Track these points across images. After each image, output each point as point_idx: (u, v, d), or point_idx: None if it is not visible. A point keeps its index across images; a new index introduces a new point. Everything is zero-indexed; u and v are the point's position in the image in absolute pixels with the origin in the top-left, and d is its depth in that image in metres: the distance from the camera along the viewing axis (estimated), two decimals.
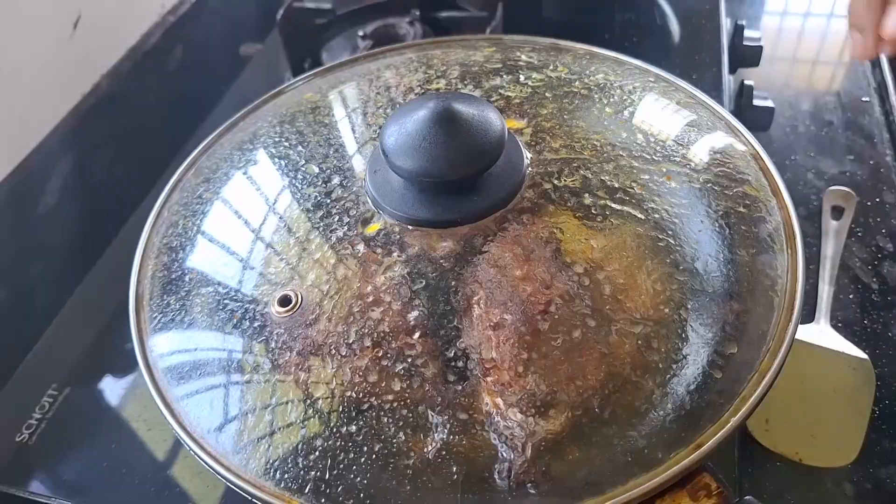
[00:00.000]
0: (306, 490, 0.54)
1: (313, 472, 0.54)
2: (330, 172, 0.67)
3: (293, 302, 0.60)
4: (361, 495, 0.53)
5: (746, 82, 1.08)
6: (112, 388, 0.85)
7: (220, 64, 1.31)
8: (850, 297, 0.92)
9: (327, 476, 0.54)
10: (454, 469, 0.57)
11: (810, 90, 1.22)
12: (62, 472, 0.77)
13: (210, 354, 0.62)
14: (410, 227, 0.61)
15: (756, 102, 1.06)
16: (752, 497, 0.47)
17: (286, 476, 0.55)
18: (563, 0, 1.34)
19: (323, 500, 0.53)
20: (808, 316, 0.89)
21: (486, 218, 0.60)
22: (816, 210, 1.02)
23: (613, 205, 0.63)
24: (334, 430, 0.56)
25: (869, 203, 1.03)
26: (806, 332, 0.87)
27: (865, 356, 0.84)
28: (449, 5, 1.25)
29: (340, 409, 0.56)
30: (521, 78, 0.75)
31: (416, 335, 0.59)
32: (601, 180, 0.65)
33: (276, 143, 0.73)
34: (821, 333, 0.87)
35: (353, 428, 0.56)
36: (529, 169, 0.64)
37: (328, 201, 0.64)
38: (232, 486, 0.56)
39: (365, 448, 0.55)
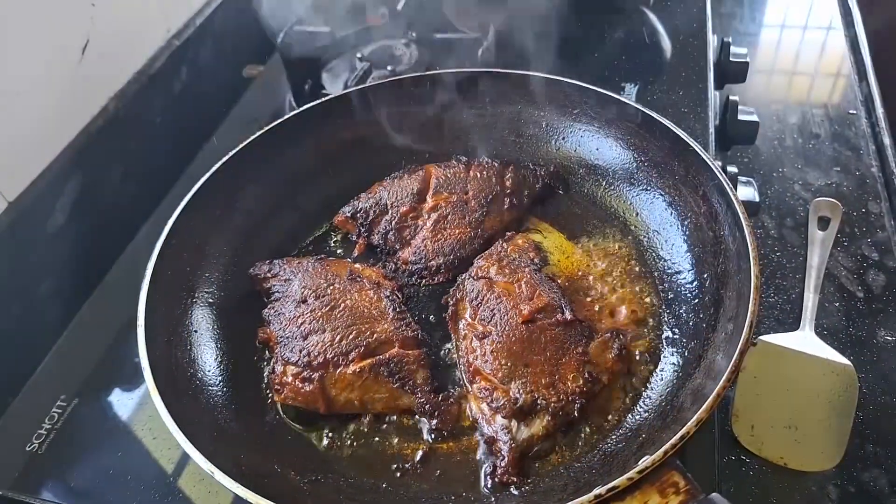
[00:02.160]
0: None
1: None
2: None
3: None
4: None
5: (731, 98, 1.10)
6: (119, 399, 0.88)
7: (223, 85, 1.35)
8: (836, 304, 0.94)
9: None
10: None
11: (798, 104, 1.25)
12: (70, 479, 0.80)
13: None
14: None
15: (741, 117, 1.08)
16: (718, 494, 0.49)
17: None
18: (554, 21, 1.37)
19: None
20: (794, 323, 0.91)
21: None
22: (803, 220, 1.04)
23: None
24: None
25: (855, 213, 1.05)
26: (791, 339, 0.89)
27: (849, 362, 0.86)
28: (443, 28, 1.29)
29: None
30: None
31: None
32: None
33: None
34: (805, 340, 0.89)
35: None
36: None
37: None
38: None
39: None
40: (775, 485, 0.77)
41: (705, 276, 0.80)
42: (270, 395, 0.81)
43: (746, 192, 0.98)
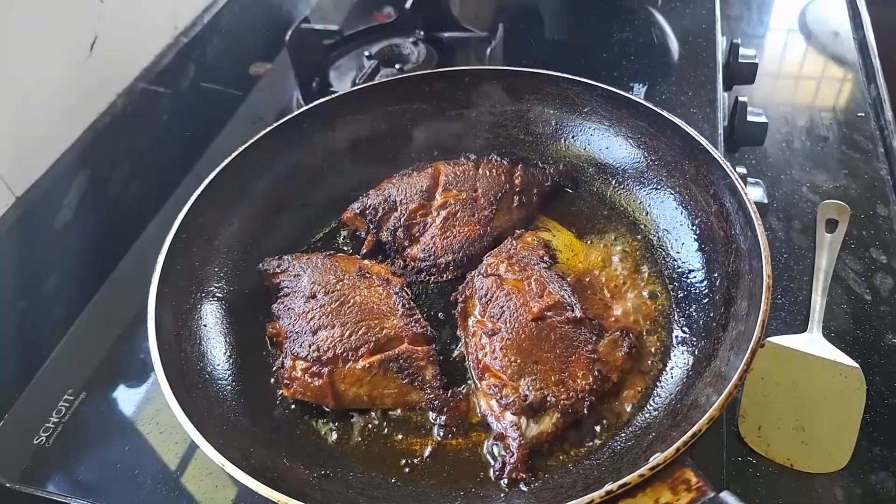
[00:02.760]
0: None
1: None
2: None
3: None
4: None
5: (740, 99, 1.10)
6: (125, 394, 0.88)
7: (230, 83, 1.35)
8: (843, 307, 0.94)
9: None
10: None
11: (806, 106, 1.25)
12: (77, 473, 0.80)
13: None
14: None
15: (750, 118, 1.08)
16: (729, 492, 0.49)
17: None
18: (563, 20, 1.37)
19: None
20: (801, 326, 0.91)
21: None
22: (811, 223, 1.04)
23: None
24: None
25: (863, 216, 1.05)
26: (798, 341, 0.89)
27: (856, 365, 0.85)
28: (452, 26, 1.29)
29: None
30: None
31: None
32: None
33: None
34: (813, 342, 0.89)
35: None
36: None
37: None
38: None
39: None
40: (782, 486, 0.77)
41: (716, 275, 0.80)
42: (279, 389, 0.81)
43: (755, 193, 0.98)
